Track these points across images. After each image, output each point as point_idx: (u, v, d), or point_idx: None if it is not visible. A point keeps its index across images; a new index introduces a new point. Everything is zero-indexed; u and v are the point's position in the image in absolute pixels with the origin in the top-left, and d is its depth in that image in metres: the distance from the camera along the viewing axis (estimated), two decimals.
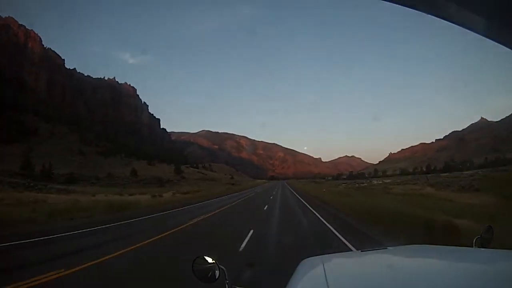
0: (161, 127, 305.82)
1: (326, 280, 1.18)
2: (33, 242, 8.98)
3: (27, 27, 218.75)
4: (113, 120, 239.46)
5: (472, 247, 1.66)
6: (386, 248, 1.92)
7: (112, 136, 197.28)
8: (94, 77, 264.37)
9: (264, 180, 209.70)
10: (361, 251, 1.91)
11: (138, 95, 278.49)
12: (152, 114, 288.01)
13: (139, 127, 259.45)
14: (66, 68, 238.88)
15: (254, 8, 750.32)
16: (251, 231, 9.92)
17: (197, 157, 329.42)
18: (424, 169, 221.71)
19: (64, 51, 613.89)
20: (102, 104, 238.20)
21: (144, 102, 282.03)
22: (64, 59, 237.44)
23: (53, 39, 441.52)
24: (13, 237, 9.36)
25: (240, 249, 7.63)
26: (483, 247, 1.66)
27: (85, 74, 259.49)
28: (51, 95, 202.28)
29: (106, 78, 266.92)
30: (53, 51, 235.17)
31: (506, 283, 1.05)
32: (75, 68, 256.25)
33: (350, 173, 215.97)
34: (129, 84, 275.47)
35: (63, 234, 10.27)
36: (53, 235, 10.03)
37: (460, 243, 3.74)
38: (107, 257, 6.82)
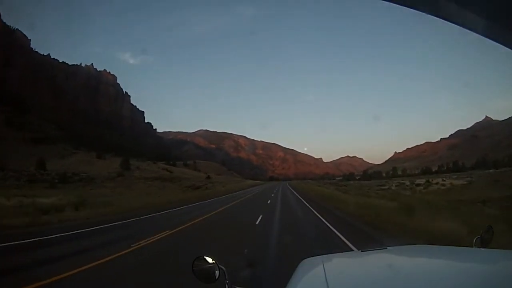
0: (147, 121, 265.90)
1: (326, 280, 1.14)
2: None
3: None
4: (87, 109, 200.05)
5: (472, 247, 1.58)
6: (386, 248, 1.81)
7: (77, 125, 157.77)
8: (70, 64, 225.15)
9: (259, 181, 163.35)
10: (361, 251, 1.83)
11: (118, 84, 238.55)
12: (135, 106, 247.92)
13: (119, 119, 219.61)
14: (34, 51, 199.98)
15: (254, 9, 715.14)
16: None
17: (192, 156, 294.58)
18: (451, 166, 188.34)
19: (67, 54, 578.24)
20: (73, 91, 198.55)
21: (126, 92, 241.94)
22: (30, 39, 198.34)
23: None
24: None
25: None
26: (483, 247, 1.59)
27: (60, 61, 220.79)
28: (4, 76, 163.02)
29: (83, 65, 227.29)
30: (20, 31, 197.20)
31: (506, 283, 1.02)
32: (49, 54, 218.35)
33: (364, 172, 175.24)
34: (109, 72, 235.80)
35: None
36: None
37: None
38: None
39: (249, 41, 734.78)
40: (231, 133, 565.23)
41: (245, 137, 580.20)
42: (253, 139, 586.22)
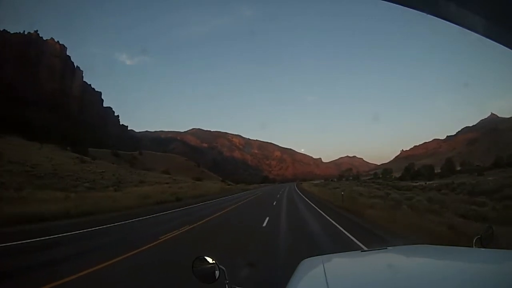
0: (107, 106, 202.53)
1: (326, 280, 1.12)
2: None
3: None
4: (18, 84, 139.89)
5: (472, 247, 1.54)
6: (386, 248, 1.76)
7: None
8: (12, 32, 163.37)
9: (235, 185, 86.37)
10: (361, 251, 1.81)
11: (69, 56, 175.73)
12: (90, 85, 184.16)
13: (65, 99, 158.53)
14: None
15: (252, 8, 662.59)
16: None
17: (180, 155, 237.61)
18: None
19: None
20: (3, 62, 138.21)
21: (78, 67, 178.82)
22: None
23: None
24: None
25: None
26: (483, 247, 1.55)
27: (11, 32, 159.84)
28: None
29: (26, 33, 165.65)
30: None
31: (506, 283, 0.99)
32: None
33: (406, 169, 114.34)
34: (57, 41, 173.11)
35: None
36: None
37: None
38: None
39: (247, 40, 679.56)
40: (225, 132, 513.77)
41: (240, 136, 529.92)
42: (249, 138, 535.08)
